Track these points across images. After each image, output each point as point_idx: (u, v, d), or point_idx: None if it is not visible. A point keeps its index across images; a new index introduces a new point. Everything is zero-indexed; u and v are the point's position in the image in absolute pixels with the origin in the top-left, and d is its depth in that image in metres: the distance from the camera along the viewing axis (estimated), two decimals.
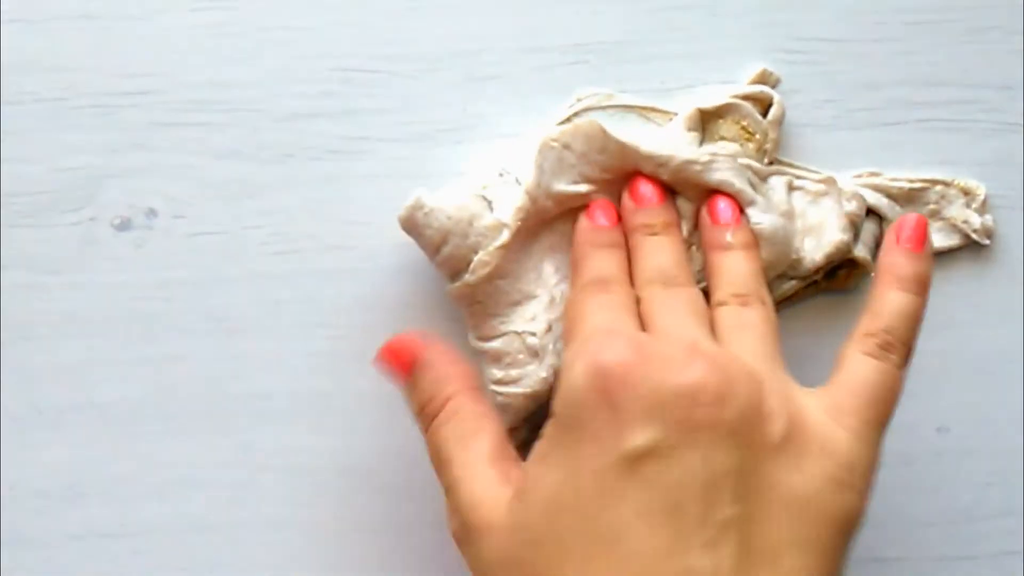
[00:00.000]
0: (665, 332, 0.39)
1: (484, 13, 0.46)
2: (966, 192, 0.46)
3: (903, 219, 0.41)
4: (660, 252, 0.42)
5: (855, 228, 0.44)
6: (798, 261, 0.44)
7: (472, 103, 0.46)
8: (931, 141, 0.46)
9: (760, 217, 0.42)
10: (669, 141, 0.44)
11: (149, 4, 0.45)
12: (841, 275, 0.45)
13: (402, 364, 0.41)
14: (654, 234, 0.43)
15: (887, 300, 0.40)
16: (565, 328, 0.41)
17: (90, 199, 0.45)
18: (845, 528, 0.37)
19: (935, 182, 0.46)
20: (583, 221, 0.43)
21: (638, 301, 0.41)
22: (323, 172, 0.46)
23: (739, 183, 0.43)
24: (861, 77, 0.46)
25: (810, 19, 0.46)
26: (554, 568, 0.36)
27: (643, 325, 0.40)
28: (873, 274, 0.41)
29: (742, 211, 0.43)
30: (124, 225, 0.45)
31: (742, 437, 0.36)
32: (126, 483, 0.45)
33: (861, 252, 0.44)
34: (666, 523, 0.35)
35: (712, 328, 0.40)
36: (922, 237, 0.41)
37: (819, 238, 0.44)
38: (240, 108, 0.45)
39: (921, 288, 0.40)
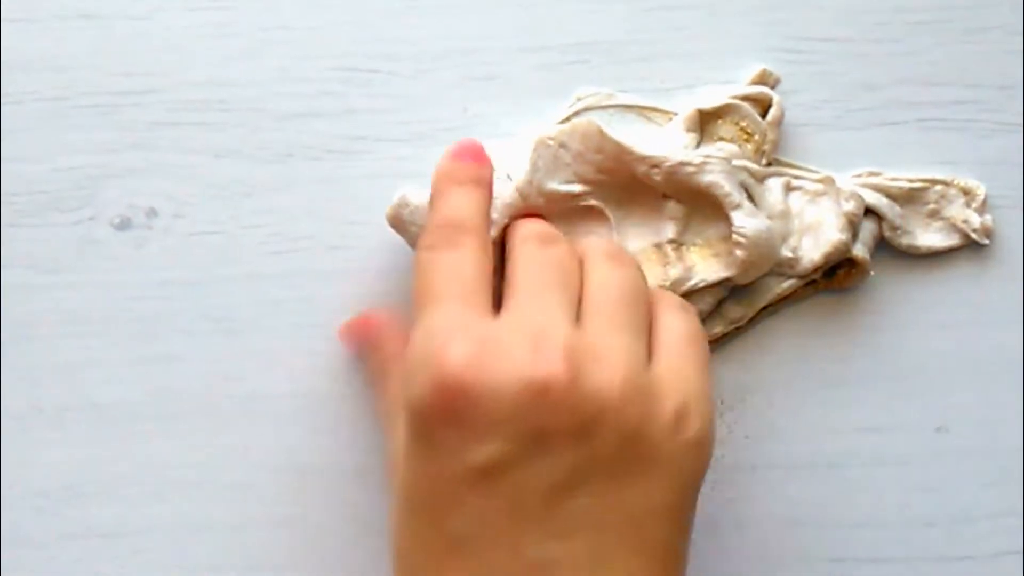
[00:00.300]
0: (516, 309, 0.38)
1: (484, 13, 0.46)
2: (966, 192, 0.46)
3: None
4: (530, 223, 0.42)
5: (853, 228, 0.44)
6: (796, 260, 0.44)
7: (472, 103, 0.46)
8: (931, 141, 0.46)
9: (743, 221, 0.42)
10: (665, 143, 0.44)
11: (149, 3, 0.45)
12: (840, 275, 0.45)
13: (365, 340, 0.43)
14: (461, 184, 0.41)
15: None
16: (415, 288, 0.39)
17: (90, 199, 0.45)
18: (698, 481, 0.38)
19: (935, 182, 0.46)
20: (447, 152, 0.42)
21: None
22: (323, 172, 0.46)
23: (728, 186, 0.42)
24: (861, 77, 0.46)
25: (810, 19, 0.46)
26: (416, 565, 0.37)
27: (502, 289, 0.39)
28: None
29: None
30: (124, 225, 0.45)
31: (585, 438, 0.36)
32: (126, 483, 0.45)
33: (860, 251, 0.44)
34: (513, 524, 0.36)
35: (575, 284, 0.39)
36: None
37: (817, 237, 0.44)
38: (240, 108, 0.45)
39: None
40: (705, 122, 0.44)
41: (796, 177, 0.45)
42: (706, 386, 0.38)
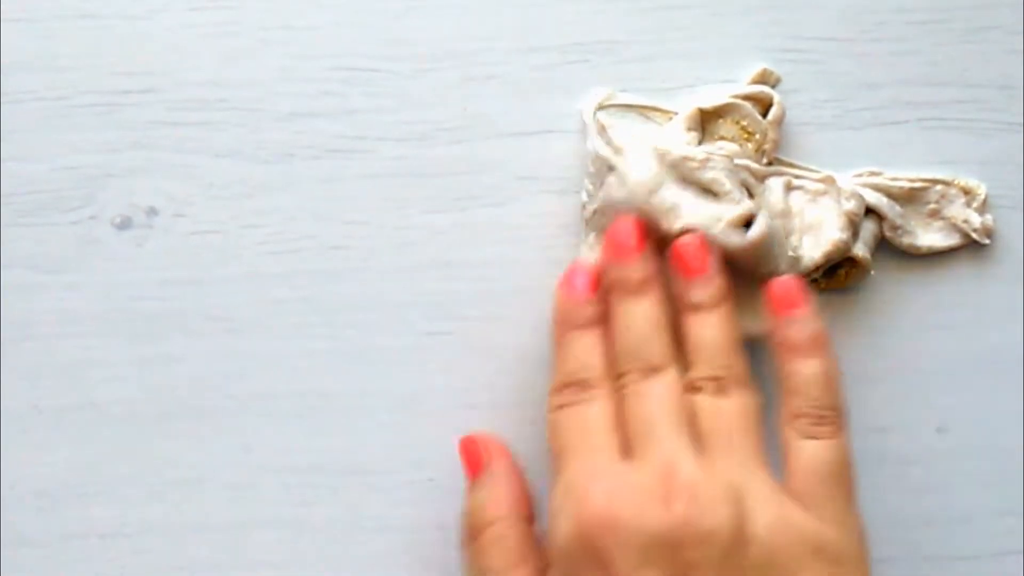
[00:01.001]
0: (643, 454, 0.39)
1: (484, 13, 0.46)
2: (966, 191, 0.46)
3: (773, 289, 0.42)
4: (636, 323, 0.41)
5: (854, 227, 0.44)
6: (797, 260, 0.44)
7: (472, 103, 0.46)
8: (931, 141, 0.46)
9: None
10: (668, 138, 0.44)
11: (149, 3, 0.45)
12: (840, 274, 0.45)
13: (472, 464, 0.43)
14: (631, 293, 0.41)
15: (797, 374, 0.41)
16: (550, 446, 0.41)
17: (90, 198, 0.45)
18: None
19: (935, 181, 0.46)
20: (560, 290, 0.43)
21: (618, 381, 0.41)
22: (323, 172, 0.46)
23: (729, 184, 0.42)
24: (861, 77, 0.46)
25: (810, 19, 0.46)
26: None
27: (622, 426, 0.40)
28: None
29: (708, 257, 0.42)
30: (124, 224, 0.45)
31: (731, 566, 0.37)
32: (126, 483, 0.45)
33: (860, 251, 0.44)
34: None
35: (690, 418, 0.40)
36: (799, 297, 0.41)
37: (818, 237, 0.44)
38: (240, 107, 0.45)
39: (821, 346, 0.41)
40: (706, 121, 0.44)
41: (797, 176, 0.45)
42: (854, 523, 0.40)
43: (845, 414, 0.41)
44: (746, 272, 0.43)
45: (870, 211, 0.45)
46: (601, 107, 0.45)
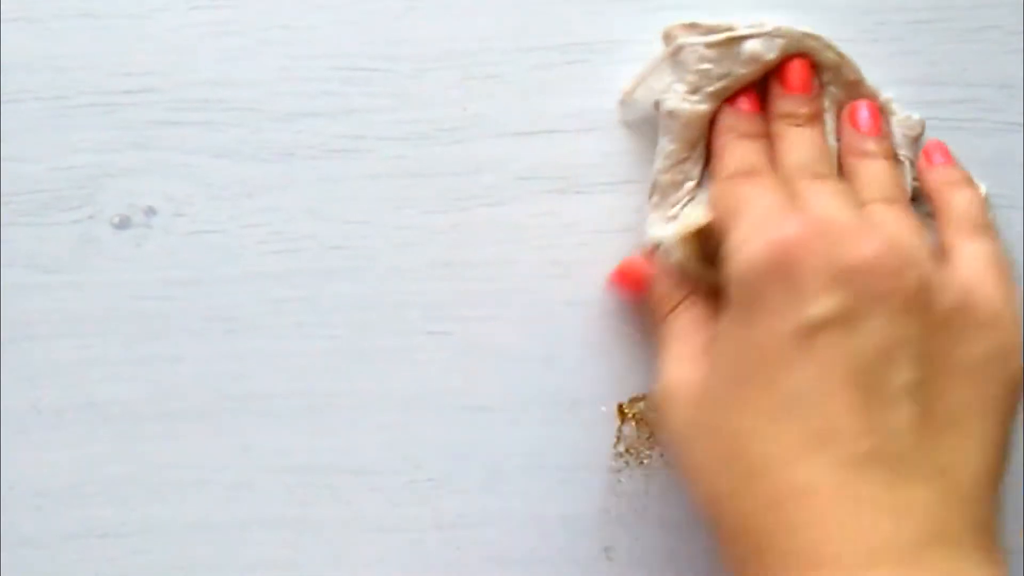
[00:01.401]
0: (822, 208, 0.40)
1: (484, 12, 0.46)
2: None
3: (928, 146, 0.45)
4: (804, 145, 0.43)
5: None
6: None
7: (472, 102, 0.46)
8: None
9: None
10: None
11: (149, 3, 0.45)
12: None
13: (634, 282, 0.44)
14: (798, 125, 0.43)
15: (953, 204, 0.43)
16: (720, 217, 0.42)
17: (90, 198, 0.45)
18: (1015, 395, 0.39)
19: None
20: (725, 107, 0.44)
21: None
22: (323, 172, 0.46)
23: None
24: None
25: (810, 19, 0.46)
26: (744, 430, 0.38)
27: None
28: (930, 194, 0.44)
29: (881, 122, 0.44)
30: (124, 224, 0.45)
31: (917, 307, 0.38)
32: (126, 483, 0.45)
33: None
34: (846, 386, 0.37)
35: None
36: (947, 151, 0.45)
37: None
38: (240, 107, 0.45)
39: (971, 182, 0.44)
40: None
41: None
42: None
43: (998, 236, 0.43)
44: None
45: None
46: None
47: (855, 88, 0.45)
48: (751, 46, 0.43)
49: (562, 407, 0.46)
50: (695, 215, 0.43)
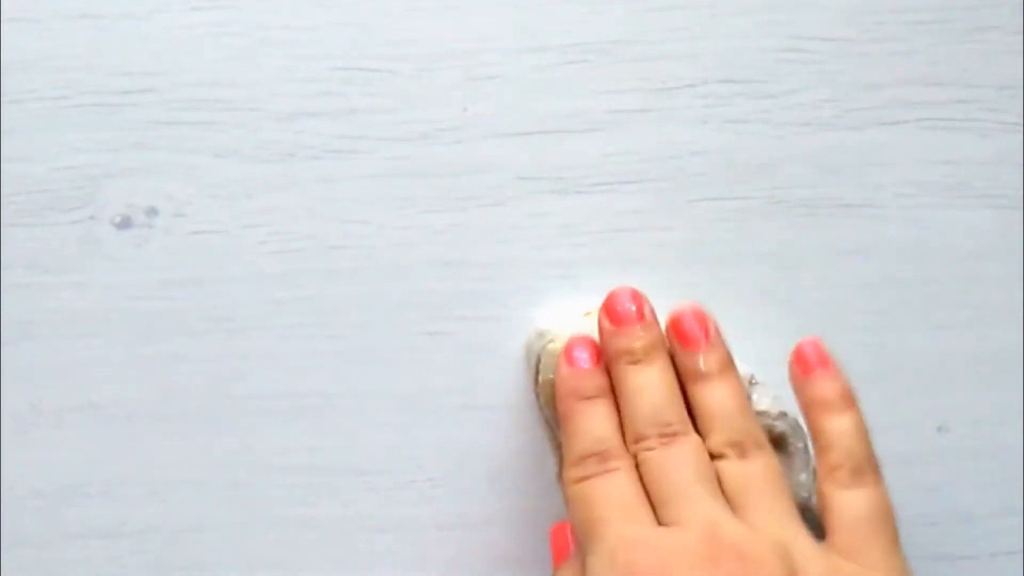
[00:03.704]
0: (679, 518, 0.38)
1: (484, 13, 0.46)
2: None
3: (798, 348, 0.42)
4: (647, 390, 0.41)
5: None
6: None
7: (472, 102, 0.46)
8: (931, 141, 0.46)
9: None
10: None
11: (149, 3, 0.45)
12: None
13: (558, 551, 0.43)
14: (636, 362, 0.41)
15: (829, 430, 0.41)
16: (576, 518, 0.40)
17: (90, 198, 0.45)
18: None
19: None
20: (563, 366, 0.42)
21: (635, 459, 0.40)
22: (323, 172, 0.46)
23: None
24: (861, 77, 0.46)
25: (810, 19, 0.46)
26: None
27: (649, 495, 0.40)
28: (803, 412, 0.42)
29: (707, 326, 0.42)
30: (124, 224, 0.45)
31: None
32: (126, 483, 0.45)
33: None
34: None
35: (718, 483, 0.40)
36: (823, 356, 0.42)
37: None
38: (240, 107, 0.45)
39: (849, 401, 0.41)
40: None
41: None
42: (901, 566, 0.39)
43: (879, 464, 0.41)
44: None
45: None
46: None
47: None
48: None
49: None
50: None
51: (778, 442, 0.43)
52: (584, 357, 0.42)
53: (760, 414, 0.42)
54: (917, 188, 0.46)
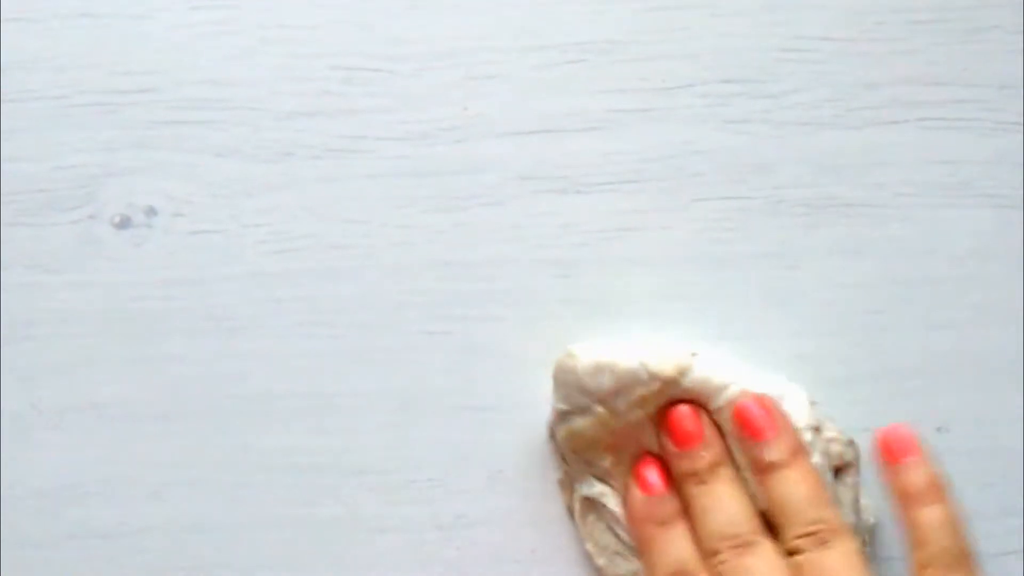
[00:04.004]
0: None
1: (484, 12, 0.46)
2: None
3: (884, 437, 0.42)
4: (716, 508, 0.42)
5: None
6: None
7: (472, 102, 0.46)
8: (931, 141, 0.46)
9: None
10: None
11: (149, 3, 0.45)
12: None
13: None
14: (703, 483, 0.42)
15: (922, 523, 0.41)
16: None
17: (90, 197, 0.45)
18: None
19: None
20: (636, 491, 0.43)
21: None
22: (323, 171, 0.46)
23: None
24: (861, 77, 0.46)
25: (810, 19, 0.46)
26: None
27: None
28: (896, 501, 0.42)
29: (773, 414, 0.42)
30: (124, 223, 0.45)
31: None
32: (126, 483, 0.45)
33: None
34: None
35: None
36: (912, 444, 0.42)
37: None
38: (240, 107, 0.45)
39: (940, 491, 0.41)
40: None
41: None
42: None
43: (973, 556, 0.41)
44: None
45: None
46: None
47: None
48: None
49: None
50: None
51: (848, 467, 0.44)
52: (656, 479, 0.42)
53: (830, 441, 0.43)
54: (917, 188, 0.46)
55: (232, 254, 0.45)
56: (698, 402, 0.43)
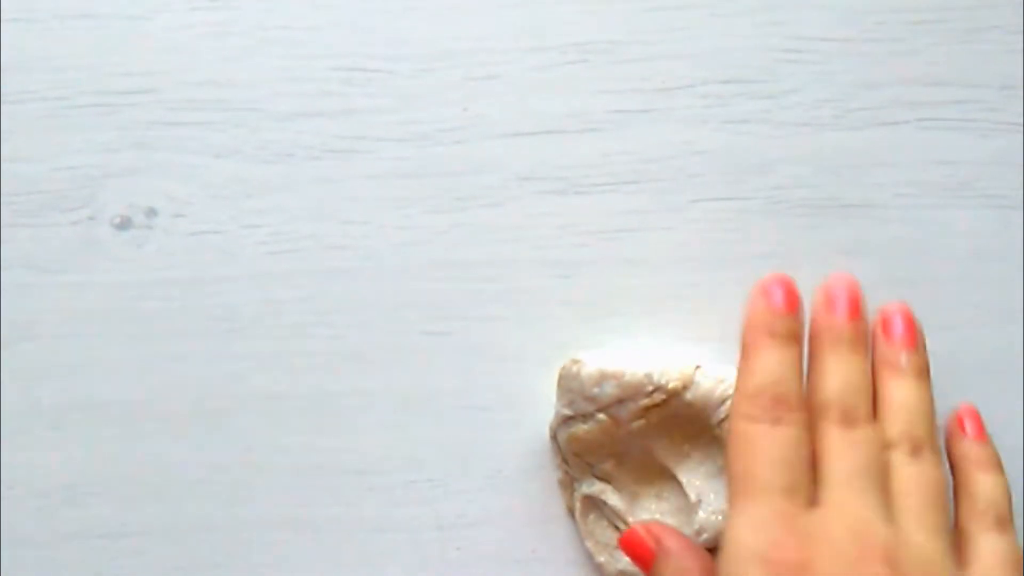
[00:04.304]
0: (836, 504, 0.38)
1: (484, 13, 0.46)
2: None
3: (962, 411, 0.44)
4: (843, 372, 0.40)
5: None
6: None
7: (472, 102, 0.46)
8: (931, 141, 0.46)
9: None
10: None
11: (149, 3, 0.45)
12: None
13: (642, 554, 0.41)
14: (839, 344, 0.41)
15: (978, 481, 0.42)
16: (736, 464, 0.39)
17: (90, 198, 0.45)
18: None
19: None
20: (759, 296, 0.41)
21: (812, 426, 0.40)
22: (323, 172, 0.46)
23: None
24: (861, 77, 0.46)
25: (810, 19, 0.46)
26: None
27: (815, 464, 0.39)
28: (953, 466, 0.43)
29: (916, 332, 0.42)
30: (124, 224, 0.45)
31: None
32: (126, 483, 0.45)
33: None
34: None
35: (884, 476, 0.40)
36: (980, 423, 0.44)
37: None
38: (240, 108, 0.45)
39: (999, 467, 0.43)
40: None
41: None
42: None
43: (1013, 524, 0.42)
44: None
45: None
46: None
47: None
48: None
49: None
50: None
51: None
52: (782, 298, 0.41)
53: None
54: (917, 188, 0.46)
55: (232, 254, 0.45)
56: (701, 415, 0.43)
